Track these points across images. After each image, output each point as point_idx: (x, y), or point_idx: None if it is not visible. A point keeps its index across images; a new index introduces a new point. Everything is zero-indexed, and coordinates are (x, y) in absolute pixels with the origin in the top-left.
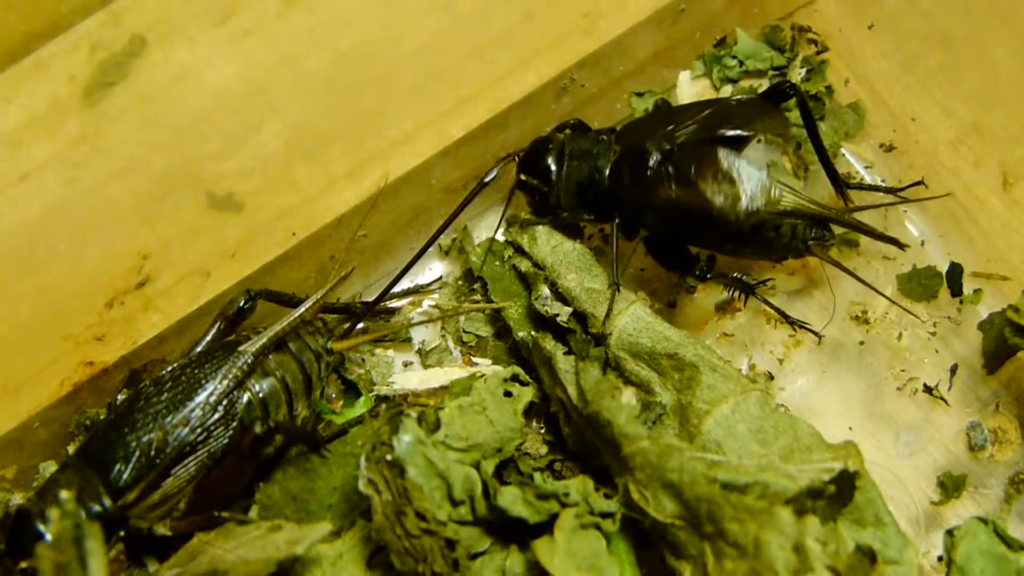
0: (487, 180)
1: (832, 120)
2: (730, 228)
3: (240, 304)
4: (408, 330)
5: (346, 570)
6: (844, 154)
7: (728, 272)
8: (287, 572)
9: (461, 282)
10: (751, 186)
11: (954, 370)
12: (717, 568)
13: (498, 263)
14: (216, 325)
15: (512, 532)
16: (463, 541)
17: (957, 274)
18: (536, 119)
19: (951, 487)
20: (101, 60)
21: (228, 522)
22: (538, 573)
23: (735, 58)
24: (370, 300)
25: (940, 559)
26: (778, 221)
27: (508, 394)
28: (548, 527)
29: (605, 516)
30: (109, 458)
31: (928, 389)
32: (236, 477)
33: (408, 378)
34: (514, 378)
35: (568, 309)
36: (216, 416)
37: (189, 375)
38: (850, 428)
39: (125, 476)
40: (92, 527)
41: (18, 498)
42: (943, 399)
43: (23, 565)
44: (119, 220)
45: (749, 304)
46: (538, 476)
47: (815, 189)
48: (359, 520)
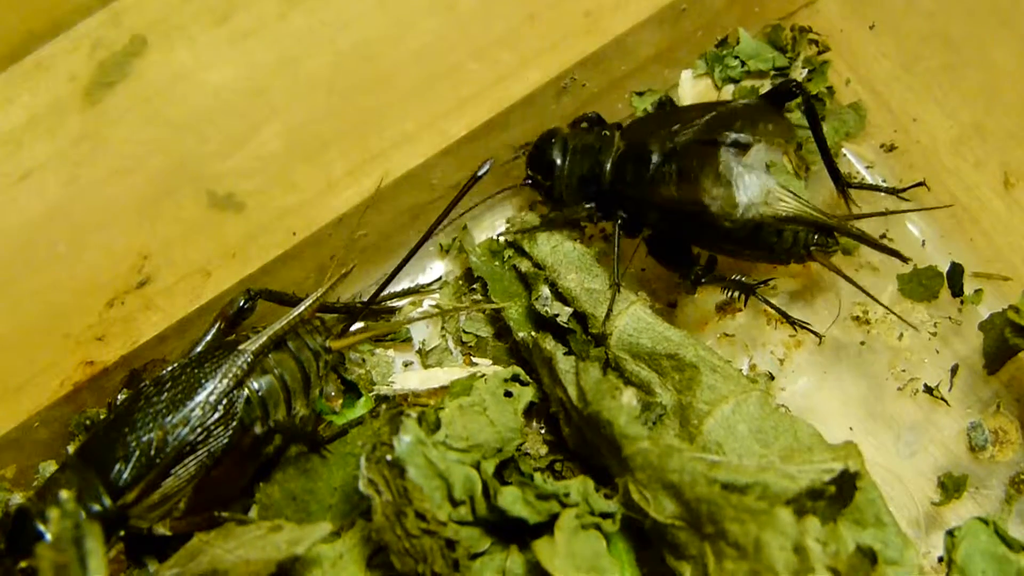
0: (480, 174)
1: (833, 120)
2: (728, 229)
3: (240, 304)
4: (408, 330)
5: (346, 570)
6: (845, 154)
7: (727, 274)
8: (287, 572)
9: (461, 282)
10: (751, 189)
11: (955, 370)
12: (717, 569)
13: (498, 263)
14: (216, 325)
15: (512, 532)
16: (463, 541)
17: (958, 274)
18: (538, 119)
19: (952, 487)
20: (102, 60)
21: (228, 522)
22: (538, 573)
23: (737, 58)
24: (370, 299)
25: (940, 560)
26: (780, 226)
27: (508, 394)
28: (548, 527)
29: (605, 516)
30: (109, 458)
31: (929, 389)
32: (236, 477)
33: (408, 378)
34: (514, 378)
35: (568, 309)
36: (216, 416)
37: (189, 375)
38: (851, 428)
39: (125, 476)
40: (92, 527)
41: (18, 498)
42: (944, 399)
43: (23, 565)
44: (119, 220)
45: (750, 304)
46: (538, 476)
47: (816, 188)
48: (359, 520)
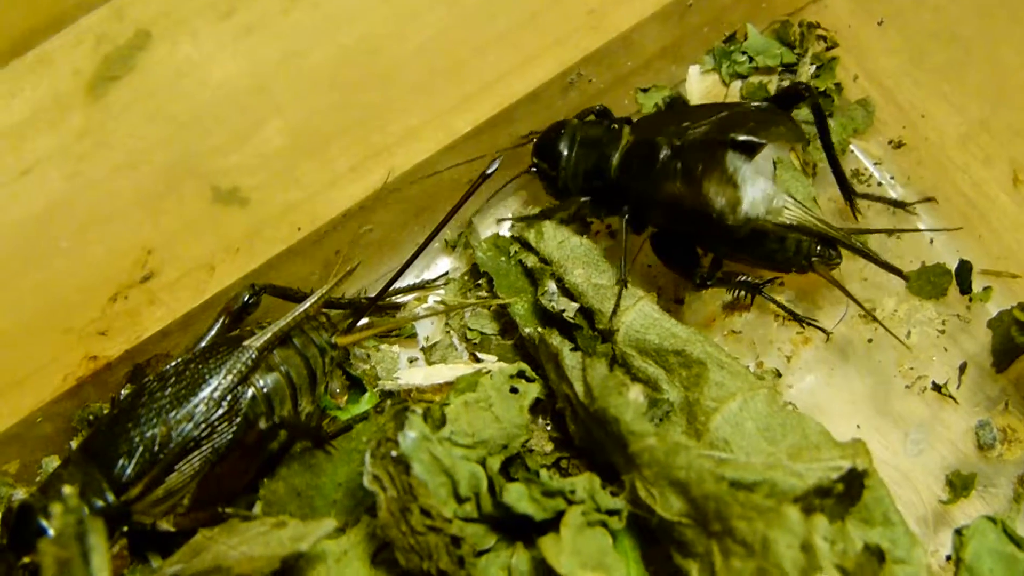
0: (489, 172)
1: (841, 117)
2: (729, 232)
3: (244, 299)
4: (413, 326)
5: (351, 567)
6: (853, 150)
7: (732, 276)
8: (291, 569)
9: (467, 277)
10: (755, 193)
11: (963, 368)
12: (724, 566)
13: (504, 258)
14: (220, 320)
15: (518, 529)
16: (468, 538)
17: (966, 272)
18: (544, 115)
19: (960, 486)
20: (105, 54)
21: (232, 518)
22: (544, 571)
23: (745, 53)
24: (375, 295)
25: (948, 558)
26: (783, 233)
27: (514, 390)
28: (554, 524)
29: (612, 513)
30: (112, 453)
31: (937, 387)
32: (240, 473)
33: (413, 374)
34: (520, 374)
35: (575, 305)
36: (220, 411)
37: (193, 370)
38: (858, 426)
39: (128, 471)
40: (95, 523)
41: (21, 493)
42: (952, 397)
43: (25, 560)
44: (123, 214)
45: (757, 301)
46: (544, 473)
47: (823, 187)
48: (364, 517)
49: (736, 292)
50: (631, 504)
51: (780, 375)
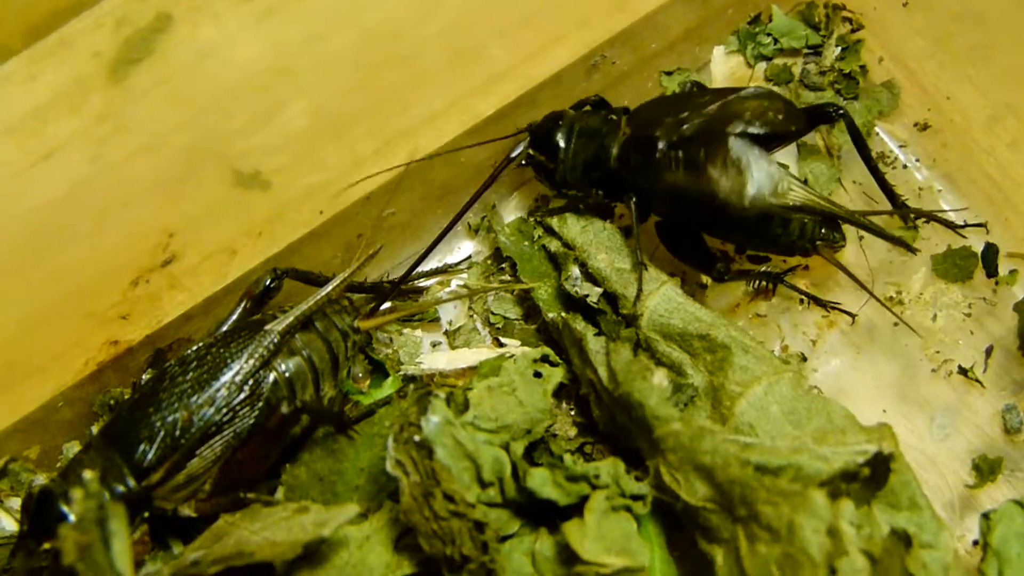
0: (513, 156)
1: (866, 99)
2: (735, 218)
3: (266, 283)
4: (436, 310)
5: (373, 552)
6: (878, 133)
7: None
8: (313, 554)
9: (490, 262)
10: (759, 177)
11: (989, 352)
12: (750, 552)
13: (527, 243)
14: (242, 304)
15: (542, 514)
16: (492, 523)
17: (992, 255)
18: (567, 97)
19: (986, 470)
20: (126, 36)
21: (254, 503)
22: (568, 556)
23: (770, 35)
24: (397, 279)
25: (975, 543)
26: (788, 215)
27: (538, 375)
28: (578, 509)
29: (636, 498)
30: (133, 438)
31: (963, 371)
32: (262, 458)
33: (436, 358)
34: (544, 359)
35: (598, 290)
36: (242, 396)
37: (215, 354)
38: (884, 410)
39: (150, 456)
40: (116, 508)
41: (42, 478)
42: (978, 381)
43: (47, 546)
44: (144, 198)
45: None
46: (568, 458)
47: (849, 172)
48: (386, 502)
49: (757, 283)
50: (655, 489)
51: (805, 359)
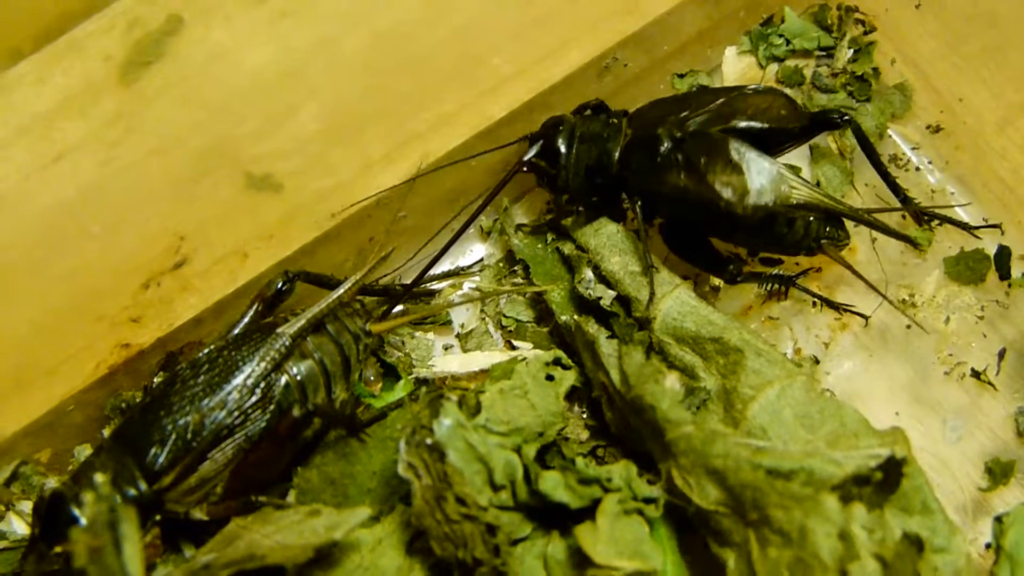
0: (525, 159)
1: (879, 101)
2: (738, 218)
3: (278, 286)
4: (448, 313)
5: (385, 555)
6: (891, 135)
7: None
8: (325, 557)
9: (502, 264)
10: (761, 178)
11: (1002, 354)
12: (761, 555)
13: (540, 246)
14: (254, 307)
15: (554, 517)
16: (504, 527)
17: (1005, 257)
18: (579, 100)
19: (999, 473)
20: (137, 39)
21: (265, 507)
22: (580, 559)
23: (782, 36)
24: (409, 282)
25: (988, 546)
26: (792, 214)
27: (550, 378)
28: (590, 512)
29: (648, 502)
30: (145, 441)
31: (976, 374)
32: (274, 461)
33: (448, 361)
34: (556, 362)
35: (611, 293)
36: (253, 399)
37: (226, 357)
38: (896, 413)
39: (161, 460)
40: (127, 511)
41: (53, 482)
42: (991, 384)
43: (58, 549)
44: (155, 201)
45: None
46: (580, 461)
47: (861, 174)
48: (398, 505)
49: (769, 286)
50: (668, 492)
51: (818, 362)
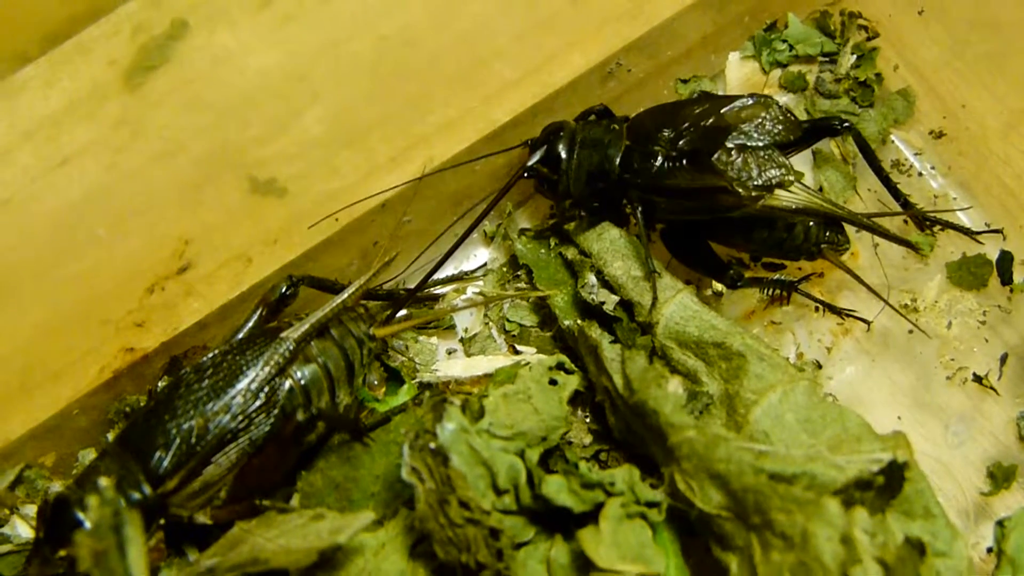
0: (530, 164)
1: (881, 107)
2: (737, 222)
3: (282, 290)
4: (452, 317)
5: (388, 560)
6: (894, 141)
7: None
8: (329, 561)
9: (505, 269)
10: (759, 181)
11: (1004, 359)
12: (764, 559)
13: (543, 250)
14: (258, 311)
15: (557, 521)
16: (507, 531)
17: (1007, 262)
18: (583, 104)
19: (1001, 478)
20: (142, 43)
21: (269, 511)
22: (583, 563)
23: (785, 42)
24: (413, 286)
25: (990, 551)
26: (790, 218)
27: (553, 382)
28: (593, 517)
29: (651, 506)
30: (149, 446)
31: (978, 378)
32: (278, 465)
33: (452, 365)
34: (559, 366)
35: (615, 297)
36: (257, 403)
37: (230, 362)
38: (899, 418)
39: (165, 464)
40: (131, 515)
41: (57, 486)
42: (993, 389)
43: (62, 553)
44: (160, 205)
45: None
46: (583, 465)
47: (864, 180)
48: (402, 509)
49: (771, 291)
50: (670, 497)
51: (820, 366)
